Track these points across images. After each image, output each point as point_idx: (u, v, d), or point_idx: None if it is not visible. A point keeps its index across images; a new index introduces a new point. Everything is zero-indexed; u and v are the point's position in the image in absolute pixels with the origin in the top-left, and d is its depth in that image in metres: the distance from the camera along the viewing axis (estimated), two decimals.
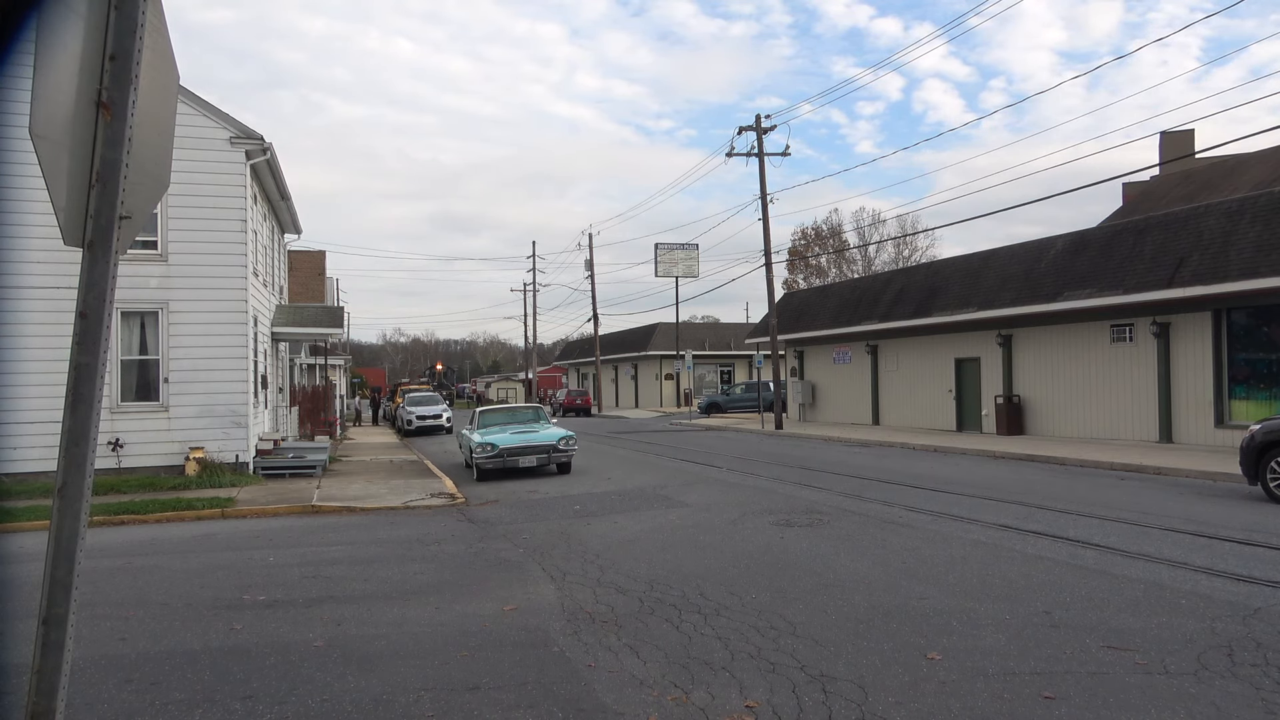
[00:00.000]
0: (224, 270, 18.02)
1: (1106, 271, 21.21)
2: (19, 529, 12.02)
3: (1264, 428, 12.27)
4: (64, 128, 2.48)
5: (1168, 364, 20.72)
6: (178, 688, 5.60)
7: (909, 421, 30.09)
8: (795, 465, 18.71)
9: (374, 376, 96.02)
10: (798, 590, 7.64)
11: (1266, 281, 17.22)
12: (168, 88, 2.84)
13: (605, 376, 65.29)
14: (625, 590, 7.87)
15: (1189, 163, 32.05)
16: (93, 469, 2.52)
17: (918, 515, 11.51)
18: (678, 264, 49.50)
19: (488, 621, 7.00)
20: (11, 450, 15.54)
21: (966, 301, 25.69)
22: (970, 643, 5.99)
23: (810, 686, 5.26)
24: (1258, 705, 4.76)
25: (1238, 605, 6.71)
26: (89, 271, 2.50)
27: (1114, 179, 64.23)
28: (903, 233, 61.13)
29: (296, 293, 38.32)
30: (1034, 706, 4.84)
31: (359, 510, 13.73)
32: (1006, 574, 8.00)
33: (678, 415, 45.79)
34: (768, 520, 11.42)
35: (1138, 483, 14.75)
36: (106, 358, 2.55)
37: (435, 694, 5.34)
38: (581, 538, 10.65)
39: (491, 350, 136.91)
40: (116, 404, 17.11)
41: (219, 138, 18.10)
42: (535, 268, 67.41)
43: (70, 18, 2.45)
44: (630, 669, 5.71)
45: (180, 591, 8.39)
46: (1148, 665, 5.44)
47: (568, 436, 18.34)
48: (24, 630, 3.25)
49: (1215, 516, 10.87)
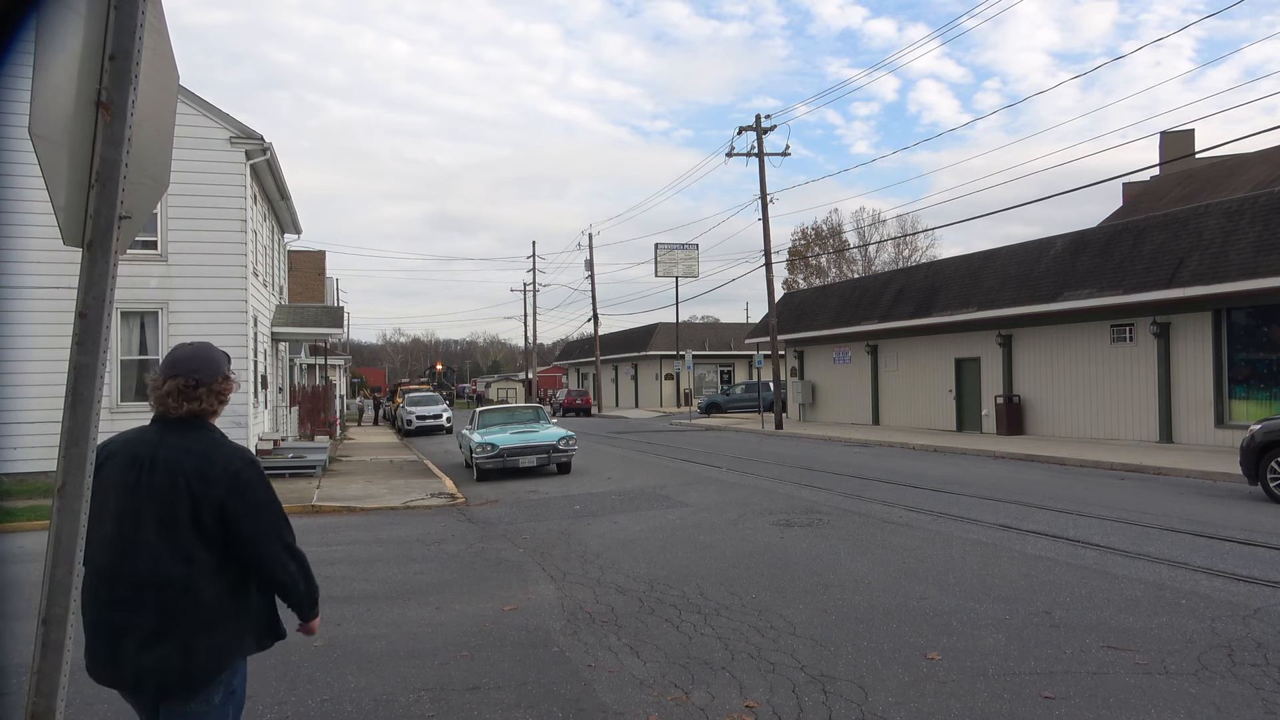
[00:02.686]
0: (224, 270, 18.03)
1: (1106, 271, 21.21)
2: (19, 529, 12.02)
3: (1264, 428, 12.27)
4: (64, 128, 2.48)
5: (1168, 364, 20.72)
6: None
7: (909, 421, 30.09)
8: (795, 465, 18.71)
9: (374, 376, 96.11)
10: (798, 590, 7.64)
11: (1266, 281, 17.22)
12: (168, 88, 2.84)
13: (605, 376, 65.28)
14: (625, 590, 7.87)
15: (1189, 163, 32.05)
16: (93, 469, 2.52)
17: (918, 515, 11.51)
18: (678, 264, 49.49)
19: (488, 621, 7.00)
20: (11, 450, 15.54)
21: (966, 301, 25.69)
22: (970, 643, 5.99)
23: (810, 686, 5.26)
24: (1258, 705, 4.76)
25: (1238, 605, 6.71)
26: (89, 271, 2.50)
27: (1113, 179, 64.36)
28: (902, 233, 61.17)
29: (296, 293, 38.32)
30: (1034, 706, 4.84)
31: (359, 510, 13.73)
32: (1006, 574, 8.00)
33: (678, 415, 45.78)
34: (768, 520, 11.42)
35: (1138, 483, 14.75)
36: (106, 358, 2.55)
37: (435, 694, 5.34)
38: (581, 538, 10.64)
39: (491, 350, 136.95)
40: (116, 404, 17.10)
41: (219, 138, 18.11)
42: (535, 268, 67.47)
43: (70, 18, 2.45)
44: (630, 669, 5.71)
45: None
46: (1148, 665, 5.44)
47: (568, 436, 18.33)
48: (24, 630, 3.25)
49: (1215, 516, 10.86)
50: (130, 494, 2.82)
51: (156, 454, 2.87)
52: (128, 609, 2.80)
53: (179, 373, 2.93)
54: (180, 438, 2.91)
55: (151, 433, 2.95)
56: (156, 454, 2.87)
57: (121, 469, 2.85)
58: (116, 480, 2.83)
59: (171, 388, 2.92)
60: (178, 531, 2.82)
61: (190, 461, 2.85)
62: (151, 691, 2.86)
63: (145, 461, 2.86)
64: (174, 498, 2.81)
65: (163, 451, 2.87)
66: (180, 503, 2.81)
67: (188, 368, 2.94)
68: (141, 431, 2.99)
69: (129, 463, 2.86)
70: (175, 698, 2.85)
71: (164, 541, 2.81)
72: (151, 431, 2.95)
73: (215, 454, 2.90)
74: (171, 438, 2.91)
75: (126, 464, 2.86)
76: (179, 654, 2.80)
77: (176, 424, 2.93)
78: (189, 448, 2.88)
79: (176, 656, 2.80)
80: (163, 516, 2.81)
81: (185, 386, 2.92)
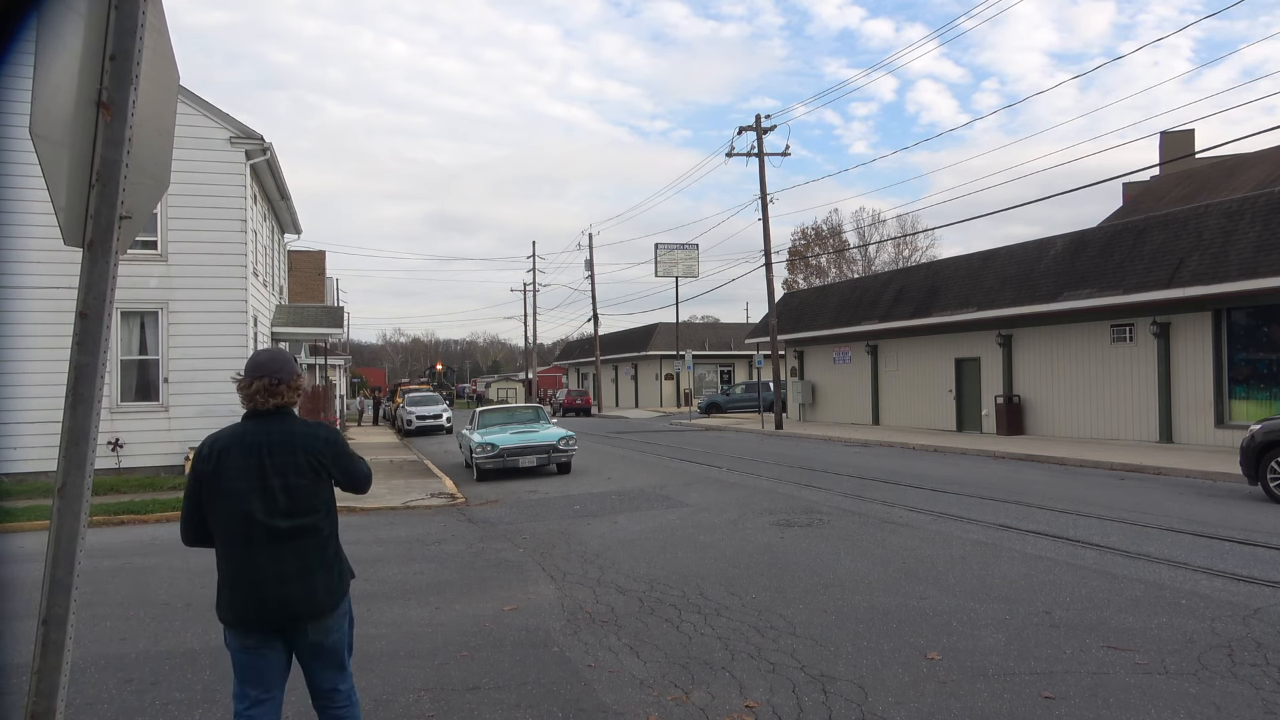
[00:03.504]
0: (224, 270, 18.03)
1: (1106, 271, 21.21)
2: (19, 529, 12.02)
3: (1264, 428, 12.27)
4: (64, 128, 2.48)
5: (1168, 364, 20.72)
6: (178, 688, 5.61)
7: (909, 421, 30.09)
8: (795, 465, 18.71)
9: (374, 376, 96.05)
10: (798, 590, 7.64)
11: (1266, 281, 17.21)
12: (168, 88, 2.84)
13: (605, 376, 65.28)
14: (625, 590, 7.87)
15: (1189, 163, 32.04)
16: (93, 469, 2.52)
17: (918, 515, 11.51)
18: (678, 264, 49.49)
19: (488, 621, 7.00)
20: (11, 450, 15.54)
21: (966, 301, 25.69)
22: (970, 643, 5.99)
23: (810, 686, 5.26)
24: (1258, 705, 4.76)
25: (1238, 605, 6.71)
26: (89, 271, 2.50)
27: (1113, 179, 64.35)
28: (902, 233, 61.16)
29: (296, 293, 38.31)
30: (1034, 706, 4.84)
31: (359, 510, 13.72)
32: (1006, 574, 8.00)
33: (678, 415, 45.77)
34: (768, 520, 11.42)
35: (1138, 483, 14.75)
36: (106, 358, 2.55)
37: (435, 694, 5.34)
38: (581, 538, 10.64)
39: (491, 350, 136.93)
40: (116, 404, 17.11)
41: (219, 138, 18.11)
42: (535, 268, 67.46)
43: (70, 18, 2.45)
44: (630, 669, 5.71)
45: (180, 591, 8.39)
46: (1148, 665, 5.44)
47: (568, 436, 18.33)
48: (24, 630, 3.25)
49: (1215, 516, 10.86)
50: (260, 473, 3.48)
51: (270, 439, 3.53)
52: (276, 556, 3.48)
53: (263, 374, 3.57)
54: (279, 424, 3.58)
55: (252, 425, 3.57)
56: (270, 439, 3.53)
57: (243, 455, 3.50)
58: (242, 465, 3.49)
59: (259, 386, 3.56)
60: (307, 492, 3.54)
61: (298, 439, 3.57)
62: (303, 619, 3.54)
63: (263, 446, 3.51)
64: (297, 466, 3.53)
65: (273, 437, 3.54)
66: (304, 470, 3.53)
67: (269, 370, 3.59)
68: (241, 426, 3.60)
69: (247, 450, 3.51)
70: (312, 622, 3.57)
71: (298, 502, 3.52)
72: (251, 425, 3.58)
73: (312, 430, 3.66)
74: (273, 425, 3.57)
75: (245, 451, 3.50)
76: (317, 586, 3.55)
77: (268, 415, 3.59)
78: (290, 429, 3.58)
79: (315, 587, 3.55)
80: (291, 484, 3.51)
81: (270, 385, 3.57)
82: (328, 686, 3.70)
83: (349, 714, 3.76)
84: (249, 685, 3.57)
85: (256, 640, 3.53)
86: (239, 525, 3.46)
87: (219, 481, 3.46)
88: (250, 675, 3.57)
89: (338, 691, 3.72)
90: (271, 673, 3.60)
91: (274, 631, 3.54)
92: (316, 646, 3.62)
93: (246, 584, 3.48)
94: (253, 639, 3.53)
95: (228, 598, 3.53)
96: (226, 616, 3.54)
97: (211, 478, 3.48)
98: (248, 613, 3.49)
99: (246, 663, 3.56)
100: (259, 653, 3.55)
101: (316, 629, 3.58)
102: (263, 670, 3.57)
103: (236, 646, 3.55)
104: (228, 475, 3.46)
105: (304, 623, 3.55)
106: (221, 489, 3.46)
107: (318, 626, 3.58)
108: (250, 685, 3.56)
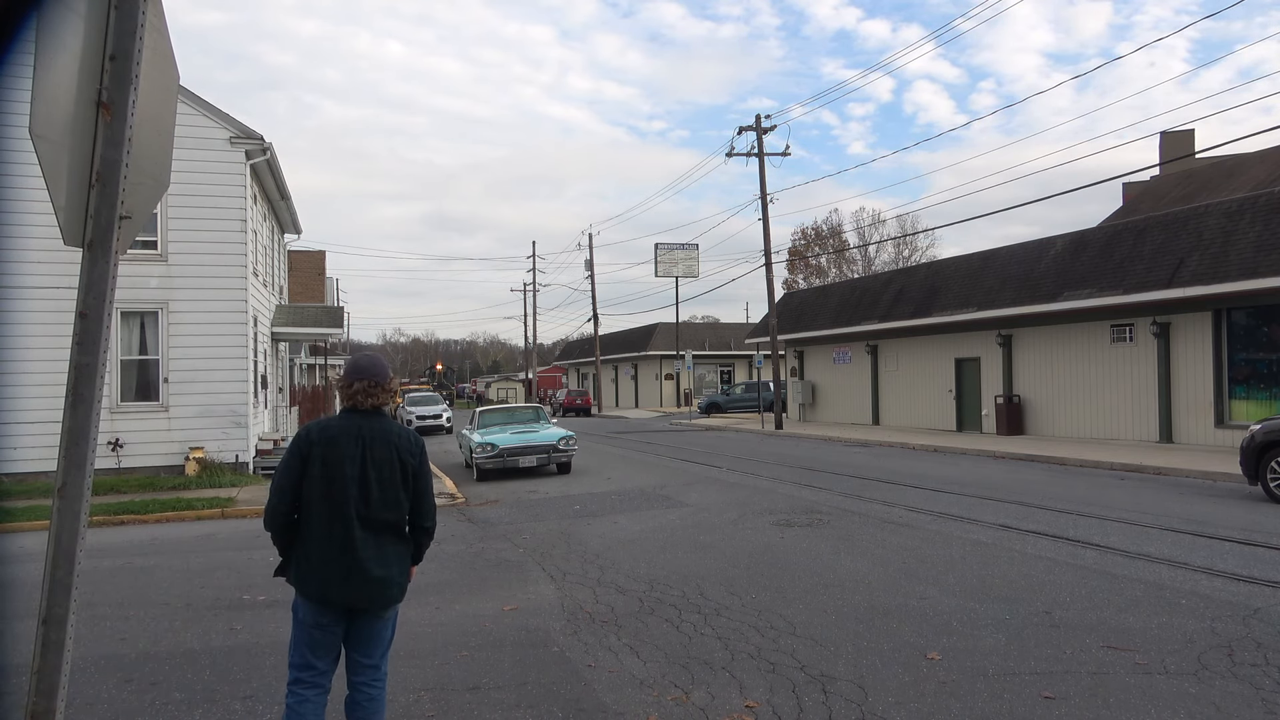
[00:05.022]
0: (224, 270, 18.02)
1: (1106, 271, 21.21)
2: (19, 529, 12.02)
3: (1264, 428, 12.27)
4: (64, 128, 2.48)
5: (1168, 364, 20.72)
6: (178, 688, 5.60)
7: (909, 421, 30.09)
8: (795, 465, 18.71)
9: None
10: (797, 590, 7.64)
11: (1266, 281, 17.21)
12: (168, 88, 2.84)
13: (605, 376, 65.27)
14: (625, 590, 7.87)
15: (1189, 163, 32.04)
16: (93, 469, 2.52)
17: (918, 515, 11.51)
18: (678, 264, 49.48)
19: (488, 621, 7.00)
20: (11, 450, 15.54)
21: (966, 301, 25.69)
22: (970, 643, 5.99)
23: (810, 686, 5.26)
24: (1258, 705, 4.76)
25: (1238, 605, 6.71)
26: (89, 271, 2.50)
27: (1112, 179, 64.34)
28: (902, 233, 61.16)
29: (296, 293, 38.30)
30: (1034, 706, 4.84)
31: None
32: (1006, 574, 8.00)
33: (678, 415, 45.77)
34: (768, 520, 11.42)
35: (1138, 483, 14.75)
36: (106, 358, 2.55)
37: (435, 694, 5.34)
38: (581, 538, 10.64)
39: (491, 350, 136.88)
40: (116, 404, 17.11)
41: (219, 138, 18.10)
42: (535, 268, 67.47)
43: (70, 18, 2.45)
44: (630, 669, 5.71)
45: (180, 591, 8.39)
46: (1148, 665, 5.44)
47: (568, 436, 18.33)
48: (24, 630, 3.25)
49: (1215, 516, 10.86)
50: (362, 463, 3.80)
51: (372, 435, 3.86)
52: (367, 544, 3.77)
53: (364, 376, 3.93)
54: (378, 422, 3.92)
55: (354, 420, 3.90)
56: (372, 435, 3.86)
57: (350, 444, 3.81)
58: (347, 453, 3.79)
59: (360, 387, 3.91)
60: (395, 488, 3.86)
61: (394, 439, 3.89)
62: (377, 605, 3.85)
63: (366, 440, 3.83)
64: (392, 464, 3.85)
65: (374, 433, 3.87)
66: (395, 468, 3.86)
67: (371, 373, 3.94)
68: (345, 419, 3.92)
69: (354, 440, 3.82)
70: (379, 609, 3.90)
71: (389, 495, 3.84)
72: (353, 419, 3.90)
73: (406, 433, 4.00)
74: (373, 423, 3.91)
75: (352, 441, 3.82)
76: (396, 575, 3.89)
77: (367, 414, 3.93)
78: (388, 429, 3.92)
79: (395, 577, 3.88)
80: (384, 477, 3.83)
81: (370, 386, 3.92)
82: (372, 663, 3.97)
83: (380, 691, 4.01)
84: (318, 657, 3.85)
85: (331, 619, 3.82)
86: (341, 508, 3.75)
87: (329, 465, 3.76)
88: (320, 649, 3.85)
89: (378, 669, 4.00)
90: (336, 649, 3.92)
91: (348, 612, 3.84)
92: (376, 629, 3.94)
93: (342, 568, 3.75)
94: (328, 617, 3.81)
95: (317, 576, 3.76)
96: (311, 593, 3.79)
97: (321, 459, 3.76)
98: (335, 593, 3.76)
99: (319, 639, 3.84)
100: (331, 630, 3.85)
101: (383, 615, 3.94)
102: (330, 645, 3.88)
103: (310, 622, 3.81)
104: (338, 460, 3.77)
105: (378, 609, 3.88)
106: (330, 473, 3.76)
107: (384, 613, 3.94)
108: (318, 657, 3.85)
